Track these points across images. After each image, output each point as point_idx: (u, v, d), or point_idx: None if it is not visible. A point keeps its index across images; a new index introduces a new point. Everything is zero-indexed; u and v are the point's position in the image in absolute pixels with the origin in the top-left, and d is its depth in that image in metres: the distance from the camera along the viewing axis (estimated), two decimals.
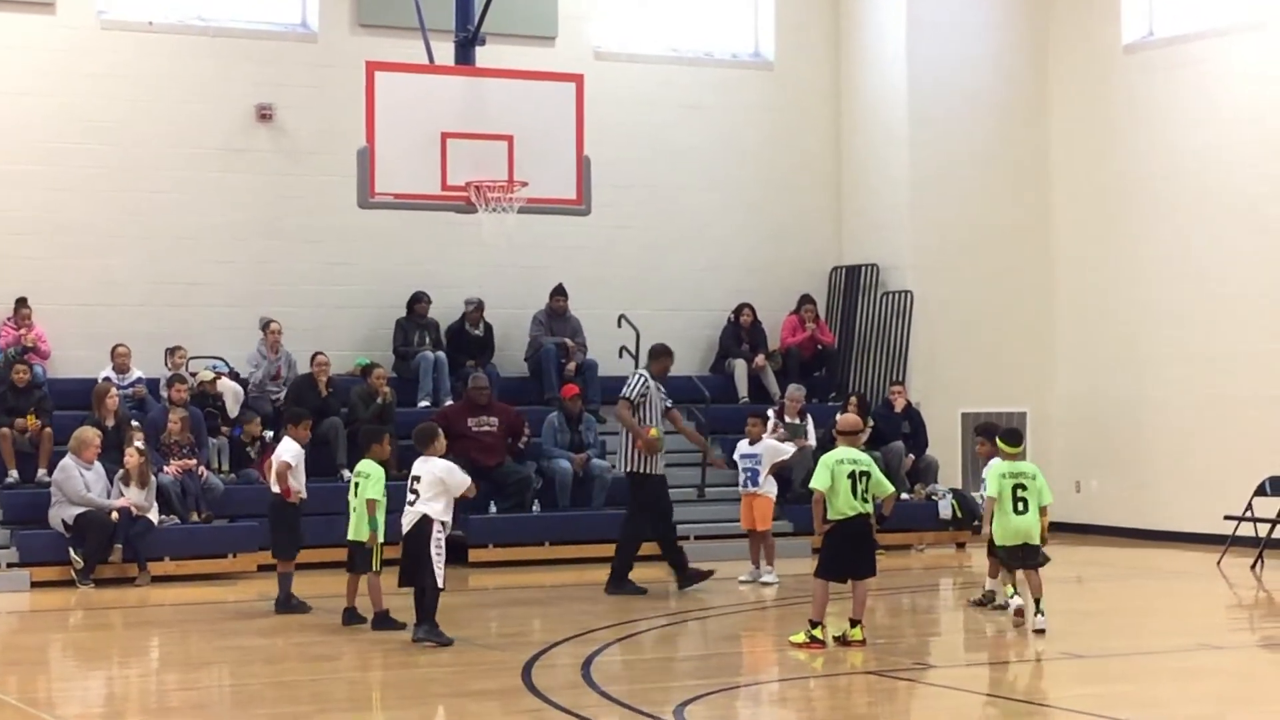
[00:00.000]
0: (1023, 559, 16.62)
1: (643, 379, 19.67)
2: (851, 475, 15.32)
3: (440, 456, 15.83)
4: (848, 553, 15.41)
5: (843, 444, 15.71)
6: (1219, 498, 22.98)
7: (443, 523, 15.48)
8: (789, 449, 21.02)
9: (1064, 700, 13.18)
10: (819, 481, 15.39)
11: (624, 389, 19.72)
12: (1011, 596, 16.87)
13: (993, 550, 17.35)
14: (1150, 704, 13.23)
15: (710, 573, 19.60)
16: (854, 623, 15.48)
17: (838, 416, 17.17)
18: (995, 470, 17.00)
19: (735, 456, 20.65)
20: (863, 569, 15.52)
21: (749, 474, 20.24)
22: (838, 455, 15.50)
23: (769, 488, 20.28)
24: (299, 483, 17.83)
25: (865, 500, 15.37)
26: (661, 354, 20.02)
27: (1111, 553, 24.10)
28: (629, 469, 19.63)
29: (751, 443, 20.52)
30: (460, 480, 15.60)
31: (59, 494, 20.46)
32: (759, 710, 13.50)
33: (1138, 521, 25.41)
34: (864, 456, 15.69)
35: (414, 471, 15.69)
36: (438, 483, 15.50)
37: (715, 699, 13.31)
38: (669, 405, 19.89)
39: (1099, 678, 14.41)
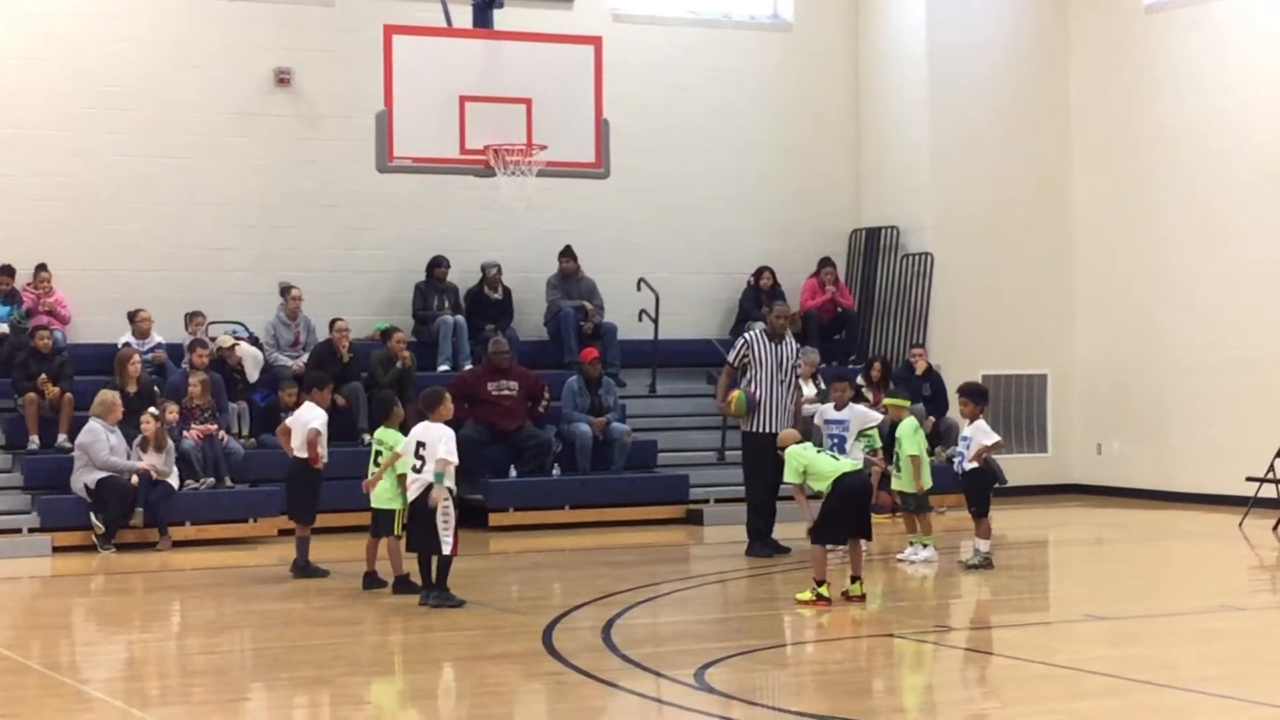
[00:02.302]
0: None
1: (744, 342, 19.63)
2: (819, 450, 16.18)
3: (447, 422, 15.85)
4: (849, 512, 15.70)
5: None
6: (1240, 459, 22.99)
7: (450, 489, 15.53)
8: (877, 415, 19.61)
9: (1084, 662, 13.08)
10: (791, 477, 16.01)
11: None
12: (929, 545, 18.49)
13: (922, 506, 18.65)
14: (1170, 665, 13.17)
15: (788, 550, 19.31)
16: (854, 579, 15.87)
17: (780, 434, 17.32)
18: (912, 426, 18.52)
19: (818, 422, 19.66)
20: (862, 529, 15.92)
21: (835, 440, 19.04)
22: (795, 452, 15.97)
23: (855, 455, 18.64)
24: (323, 448, 17.81)
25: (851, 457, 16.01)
26: (771, 312, 20.15)
27: (1133, 514, 24.09)
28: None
29: (838, 408, 19.53)
30: (447, 451, 15.49)
31: (83, 456, 20.47)
32: (780, 673, 13.48)
33: (1159, 483, 25.33)
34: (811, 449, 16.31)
35: (418, 437, 15.71)
36: (435, 452, 15.53)
37: (736, 662, 13.30)
38: (796, 364, 19.69)
39: (1119, 639, 14.40)
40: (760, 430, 19.38)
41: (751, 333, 19.87)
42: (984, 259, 26.27)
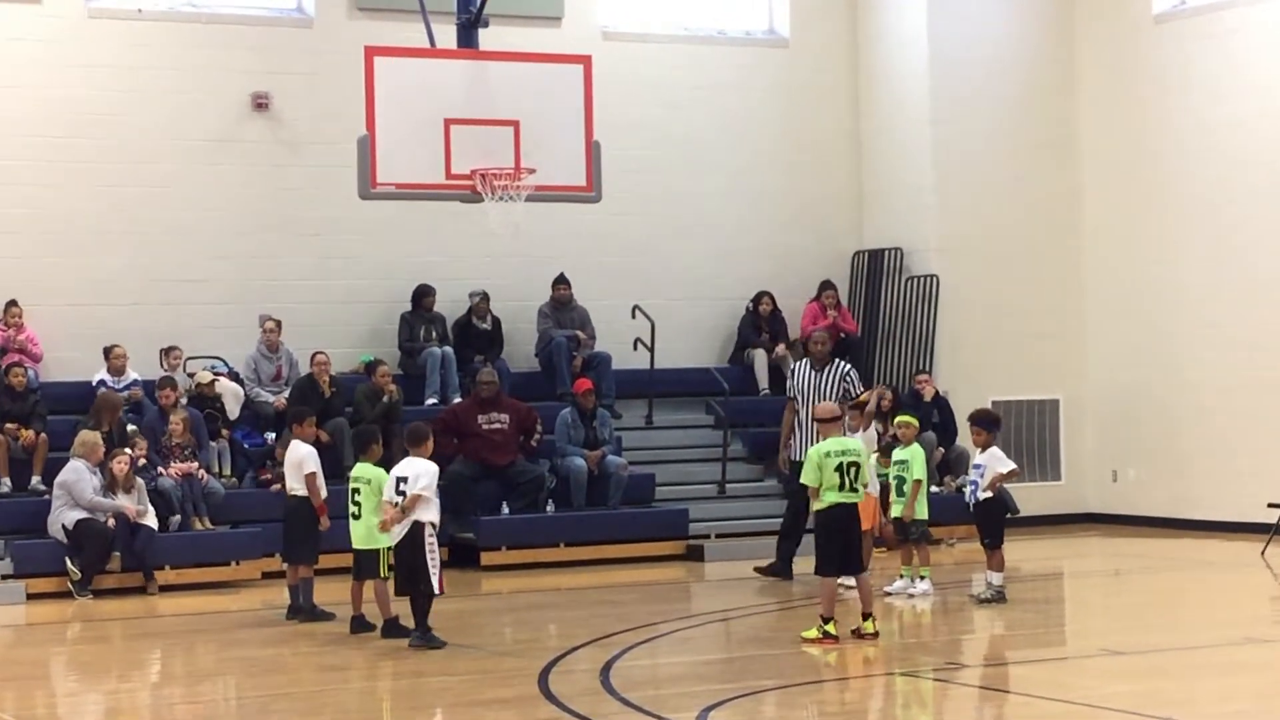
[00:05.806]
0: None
1: (790, 373, 20.39)
2: (840, 468, 15.49)
3: (429, 457, 15.80)
4: (837, 545, 15.62)
5: (824, 432, 15.90)
6: (1261, 485, 22.69)
7: (433, 524, 15.52)
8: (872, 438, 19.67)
9: (1102, 698, 12.92)
10: (808, 478, 15.70)
11: None
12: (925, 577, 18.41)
13: (922, 536, 18.36)
14: (1191, 701, 13.07)
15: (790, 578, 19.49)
16: (865, 615, 15.71)
17: (815, 406, 17.24)
18: (921, 452, 18.40)
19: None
20: (851, 564, 15.82)
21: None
22: (826, 448, 15.68)
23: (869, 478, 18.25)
24: (321, 485, 17.57)
25: (854, 490, 15.59)
26: (811, 340, 20.65)
27: (1150, 544, 23.86)
28: None
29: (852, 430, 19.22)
30: (424, 487, 15.45)
31: (65, 496, 20.08)
32: (787, 715, 13.34)
33: (1177, 511, 24.97)
34: (854, 444, 15.94)
35: (399, 473, 15.66)
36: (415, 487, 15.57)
37: (741, 703, 13.12)
38: (850, 392, 19.70)
39: (1138, 674, 14.25)
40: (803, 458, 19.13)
41: (797, 364, 20.63)
42: (992, 280, 25.94)
